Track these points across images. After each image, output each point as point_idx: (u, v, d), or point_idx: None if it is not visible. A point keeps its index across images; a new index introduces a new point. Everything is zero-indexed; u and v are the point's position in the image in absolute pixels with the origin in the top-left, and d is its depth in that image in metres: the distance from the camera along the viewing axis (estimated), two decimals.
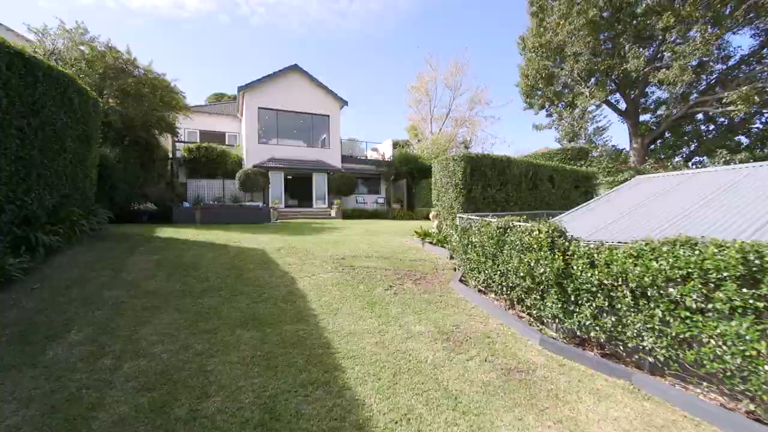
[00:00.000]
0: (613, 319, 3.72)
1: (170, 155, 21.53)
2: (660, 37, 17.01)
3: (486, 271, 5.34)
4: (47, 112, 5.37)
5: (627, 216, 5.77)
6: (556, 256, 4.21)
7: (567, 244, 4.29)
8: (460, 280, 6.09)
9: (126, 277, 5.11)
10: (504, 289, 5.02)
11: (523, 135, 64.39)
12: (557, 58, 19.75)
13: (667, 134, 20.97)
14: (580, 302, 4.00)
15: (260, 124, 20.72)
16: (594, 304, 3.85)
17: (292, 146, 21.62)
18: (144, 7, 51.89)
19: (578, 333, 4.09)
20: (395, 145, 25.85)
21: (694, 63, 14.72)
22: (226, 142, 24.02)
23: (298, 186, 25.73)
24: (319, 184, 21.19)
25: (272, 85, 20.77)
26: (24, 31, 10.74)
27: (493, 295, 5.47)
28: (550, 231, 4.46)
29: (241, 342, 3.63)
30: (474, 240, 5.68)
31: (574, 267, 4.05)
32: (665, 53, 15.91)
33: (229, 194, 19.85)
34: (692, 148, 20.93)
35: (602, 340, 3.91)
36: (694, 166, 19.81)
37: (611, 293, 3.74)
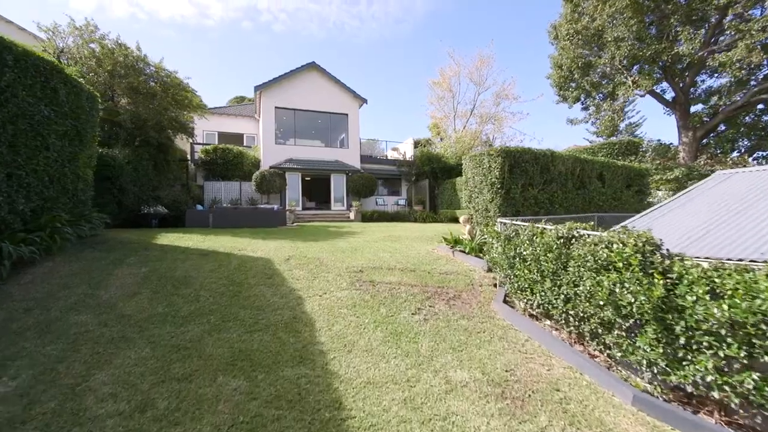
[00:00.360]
0: (755, 377, 2.51)
1: (188, 157, 21.38)
2: (715, 18, 15.10)
3: (542, 293, 4.17)
4: (20, 103, 4.66)
5: (728, 222, 4.44)
6: (655, 280, 3.01)
7: (668, 262, 3.09)
8: (505, 301, 4.93)
9: (102, 295, 4.28)
10: (570, 318, 3.83)
11: (553, 131, 61.40)
12: (594, 46, 18.06)
13: (721, 127, 18.73)
14: (695, 347, 2.80)
15: (277, 125, 20.14)
16: (721, 353, 2.65)
17: (310, 146, 20.93)
18: (173, 18, 53.91)
19: (690, 389, 2.88)
20: (417, 144, 24.72)
21: (764, 42, 12.78)
22: (244, 144, 23.65)
23: (316, 187, 25.08)
24: (338, 185, 20.37)
25: (289, 84, 20.16)
26: (35, 30, 10.44)
27: (549, 322, 4.29)
28: (640, 244, 3.26)
29: (220, 397, 2.66)
30: (524, 252, 4.52)
31: (685, 296, 2.86)
32: (725, 34, 14.02)
33: (246, 196, 19.37)
34: (752, 142, 18.58)
35: (734, 405, 2.70)
36: (755, 162, 17.61)
37: (753, 339, 2.54)
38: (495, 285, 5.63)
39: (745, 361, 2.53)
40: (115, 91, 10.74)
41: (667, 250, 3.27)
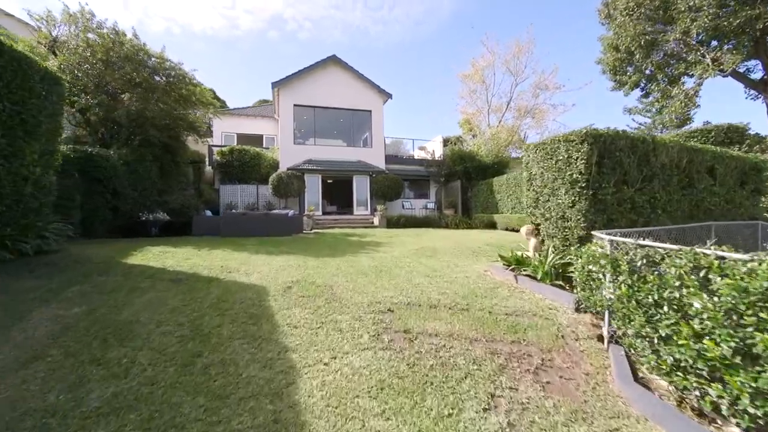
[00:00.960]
0: None
1: (206, 159, 20.44)
2: None
3: (739, 380, 2.14)
4: None
5: None
6: None
7: None
8: (638, 380, 2.91)
9: None
10: None
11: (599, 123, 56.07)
12: (658, 23, 15.37)
13: None
14: None
15: (296, 124, 18.74)
16: None
17: (331, 146, 19.40)
18: (204, 31, 55.86)
19: None
20: (446, 142, 22.67)
21: None
22: (264, 145, 22.51)
23: (338, 190, 23.51)
24: (361, 187, 18.69)
25: (309, 79, 18.73)
26: (26, 17, 9.44)
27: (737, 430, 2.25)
28: None
29: None
30: (689, 301, 2.50)
31: None
32: None
33: (263, 200, 18.08)
34: None
35: None
36: None
37: None
38: (601, 338, 3.61)
39: None
40: (110, 84, 9.53)
41: None
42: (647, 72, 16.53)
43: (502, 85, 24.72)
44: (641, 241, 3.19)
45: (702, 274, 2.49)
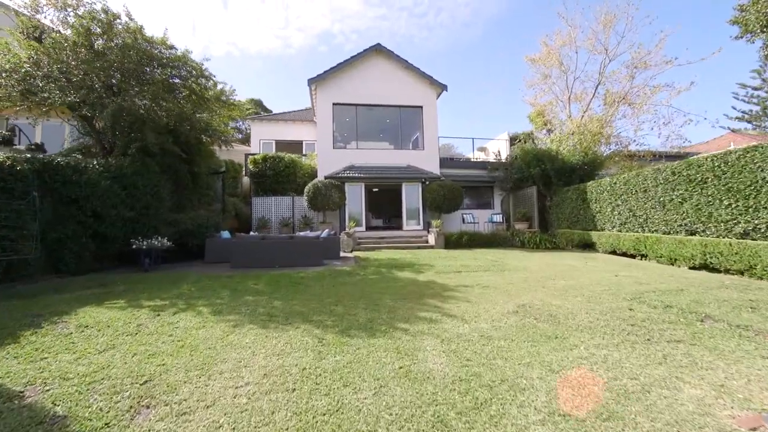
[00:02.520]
0: None
1: (243, 169, 18.84)
2: None
3: None
4: None
5: None
6: None
7: None
8: None
9: None
10: None
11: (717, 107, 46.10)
12: None
13: None
14: None
15: (336, 125, 16.31)
16: None
17: (376, 149, 16.66)
18: (260, 51, 58.88)
19: None
20: (513, 140, 18.84)
21: None
22: (303, 151, 20.49)
23: (384, 200, 20.70)
24: (411, 197, 15.64)
25: (350, 74, 16.23)
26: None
27: None
28: None
29: None
30: None
31: None
32: None
33: (299, 214, 15.81)
34: None
35: None
36: None
37: None
38: None
39: None
40: (97, 78, 7.55)
41: None
42: None
43: (587, 65, 19.53)
44: None
45: None
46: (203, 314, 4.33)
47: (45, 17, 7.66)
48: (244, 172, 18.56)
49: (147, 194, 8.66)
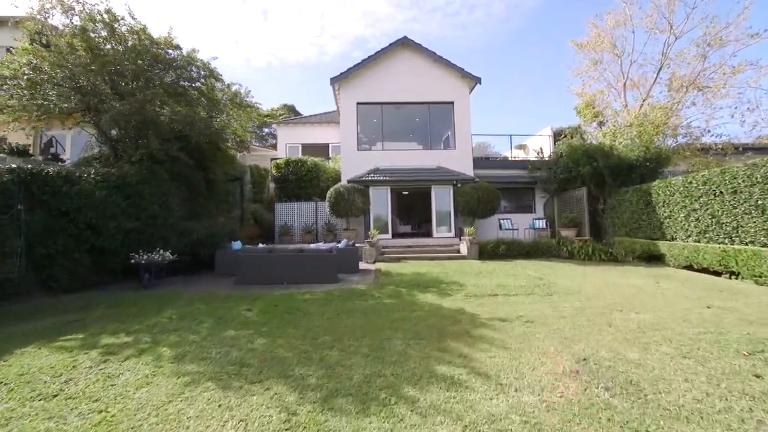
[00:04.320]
0: None
1: (270, 174, 18.50)
2: None
3: None
4: None
5: None
6: None
7: None
8: None
9: None
10: None
11: None
12: None
13: None
14: None
15: (360, 126, 15.42)
16: None
17: (403, 150, 15.54)
18: (298, 60, 60.71)
19: None
20: (558, 135, 16.85)
21: None
22: (330, 154, 19.84)
23: (412, 205, 19.44)
24: (441, 200, 14.32)
25: (374, 71, 15.26)
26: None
27: None
28: None
29: None
30: None
31: None
32: None
33: (323, 220, 15.05)
34: None
35: None
36: None
37: None
38: None
39: None
40: (96, 82, 7.13)
41: None
42: None
43: (646, 47, 16.71)
44: None
45: None
46: (161, 360, 3.46)
47: (51, 21, 7.39)
48: (270, 178, 18.23)
49: (154, 203, 8.19)
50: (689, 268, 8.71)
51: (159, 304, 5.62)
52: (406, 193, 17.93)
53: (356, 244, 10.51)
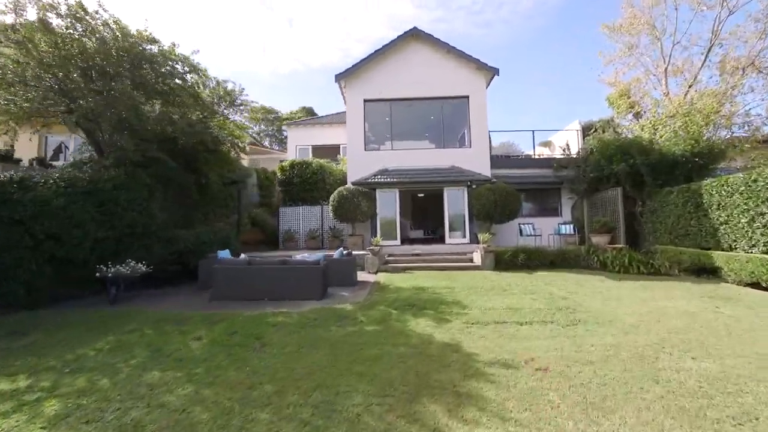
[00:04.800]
0: None
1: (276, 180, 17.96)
2: None
3: None
4: None
5: None
6: None
7: None
8: None
9: None
10: None
11: None
12: None
13: None
14: None
15: (368, 125, 14.50)
16: None
17: (413, 149, 14.45)
18: (323, 64, 61.08)
19: None
20: (587, 130, 15.15)
21: None
22: (340, 155, 19.07)
23: (426, 208, 18.36)
24: (455, 204, 13.13)
25: (382, 66, 14.31)
26: None
27: None
28: None
29: None
30: None
31: None
32: None
33: (328, 224, 14.25)
34: None
35: None
36: None
37: None
38: None
39: None
40: (69, 82, 6.59)
41: None
42: None
43: (691, 25, 14.35)
44: None
45: None
46: (31, 425, 2.62)
47: (26, 16, 6.94)
48: (276, 181, 17.69)
49: (133, 210, 7.61)
50: (755, 285, 7.09)
51: (105, 328, 4.89)
52: (421, 195, 16.85)
53: (354, 252, 9.56)
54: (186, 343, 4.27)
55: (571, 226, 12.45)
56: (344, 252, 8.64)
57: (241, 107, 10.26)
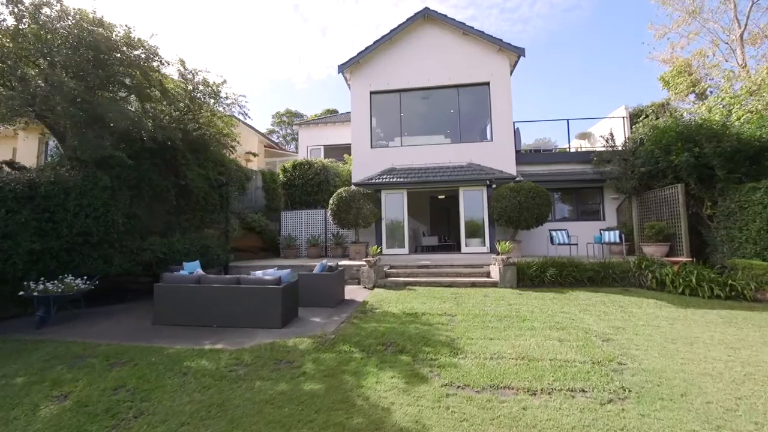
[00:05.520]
0: None
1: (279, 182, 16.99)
2: None
3: None
4: None
5: None
6: None
7: None
8: None
9: None
10: None
11: None
12: None
13: None
14: None
15: (375, 119, 13.11)
16: None
17: (426, 145, 12.81)
18: (330, 76, 61.26)
19: None
20: (636, 116, 12.69)
21: None
22: (348, 155, 17.83)
23: (438, 212, 16.69)
24: (472, 206, 11.34)
25: (391, 53, 12.88)
26: None
27: None
28: None
29: None
30: None
31: None
32: None
33: (332, 230, 12.98)
34: None
35: None
36: None
37: None
38: None
39: None
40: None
41: None
42: None
43: None
44: None
45: None
46: None
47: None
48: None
49: (87, 217, 6.72)
50: None
51: None
52: (441, 197, 15.17)
53: (356, 262, 8.17)
54: (35, 407, 3.04)
55: (617, 232, 10.21)
56: (327, 265, 7.24)
57: (227, 100, 9.20)
